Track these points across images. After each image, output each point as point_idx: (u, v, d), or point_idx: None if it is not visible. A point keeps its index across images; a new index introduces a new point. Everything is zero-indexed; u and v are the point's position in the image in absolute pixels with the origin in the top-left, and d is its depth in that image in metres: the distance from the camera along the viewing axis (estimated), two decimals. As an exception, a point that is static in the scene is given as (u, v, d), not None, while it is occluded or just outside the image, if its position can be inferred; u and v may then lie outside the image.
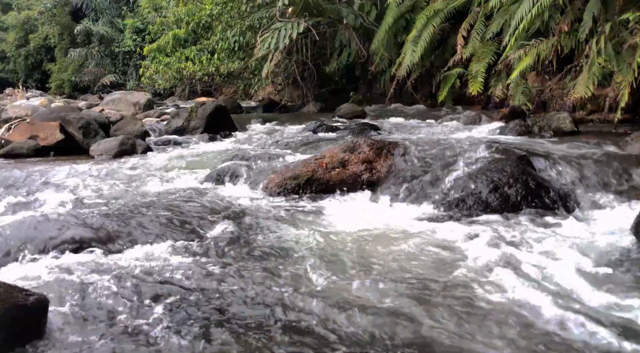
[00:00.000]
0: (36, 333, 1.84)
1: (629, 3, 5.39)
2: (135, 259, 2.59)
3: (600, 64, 5.36)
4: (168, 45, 14.05)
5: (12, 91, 18.71)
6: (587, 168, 3.72)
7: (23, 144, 6.25)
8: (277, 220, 3.29)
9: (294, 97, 13.21)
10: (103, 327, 1.94)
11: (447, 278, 2.33)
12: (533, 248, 2.65)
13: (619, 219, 3.01)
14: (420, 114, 8.94)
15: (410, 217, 3.32)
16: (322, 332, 1.89)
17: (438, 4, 8.34)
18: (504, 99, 7.81)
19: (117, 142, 6.21)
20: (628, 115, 5.80)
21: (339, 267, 2.48)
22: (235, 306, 2.09)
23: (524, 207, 3.27)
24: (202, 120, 7.70)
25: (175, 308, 2.07)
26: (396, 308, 2.06)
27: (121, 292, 2.20)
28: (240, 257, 2.63)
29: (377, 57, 10.25)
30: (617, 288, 2.18)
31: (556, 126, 5.77)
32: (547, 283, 2.23)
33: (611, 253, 2.57)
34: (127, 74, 23.15)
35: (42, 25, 27.20)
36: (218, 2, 12.54)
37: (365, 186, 3.97)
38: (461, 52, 7.94)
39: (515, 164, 3.55)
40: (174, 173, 4.85)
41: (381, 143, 4.35)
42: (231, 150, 5.92)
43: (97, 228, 2.97)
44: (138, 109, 11.05)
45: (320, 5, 10.60)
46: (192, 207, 3.52)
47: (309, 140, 6.22)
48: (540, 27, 6.42)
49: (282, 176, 4.04)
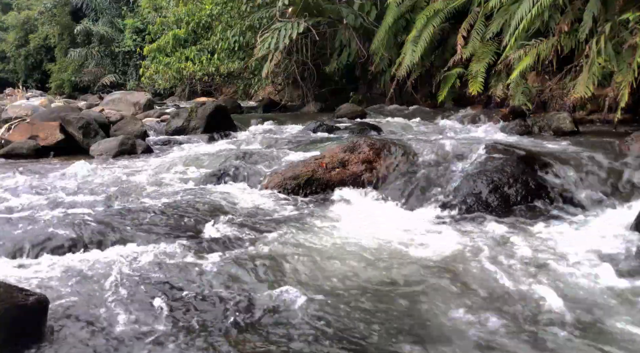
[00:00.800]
0: (36, 333, 1.84)
1: (629, 3, 5.39)
2: (134, 259, 2.59)
3: (600, 64, 5.36)
4: (168, 45, 14.05)
5: (12, 91, 18.71)
6: (587, 168, 3.72)
7: (23, 144, 6.24)
8: (276, 220, 3.29)
9: (294, 97, 13.21)
10: (103, 326, 1.94)
11: (447, 277, 2.33)
12: (533, 248, 2.65)
13: (619, 219, 3.01)
14: (420, 114, 8.94)
15: (410, 217, 3.32)
16: (322, 333, 1.89)
17: (438, 4, 8.34)
18: (504, 98, 7.81)
19: (117, 142, 6.21)
20: (628, 115, 5.80)
21: (339, 267, 2.48)
22: (235, 306, 2.09)
23: (524, 207, 3.27)
24: (202, 120, 7.69)
25: (174, 308, 2.07)
26: (394, 307, 2.06)
27: (121, 292, 2.20)
28: (240, 257, 2.63)
29: (377, 57, 10.24)
30: (617, 287, 2.18)
31: (556, 126, 5.77)
32: (548, 283, 2.23)
33: (611, 253, 2.57)
34: (127, 74, 23.16)
35: (42, 25, 27.21)
36: (218, 2, 12.54)
37: (365, 186, 3.97)
38: (461, 52, 7.93)
39: (515, 164, 3.55)
40: (173, 173, 4.84)
41: (381, 143, 4.35)
42: (231, 150, 5.91)
43: (96, 228, 2.97)
44: (138, 109, 11.05)
45: (320, 5, 10.60)
46: (192, 207, 3.52)
47: (309, 140, 6.21)
48: (540, 27, 6.41)
49: (282, 176, 4.04)
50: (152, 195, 3.95)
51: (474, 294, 2.17)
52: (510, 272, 2.35)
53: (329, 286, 2.28)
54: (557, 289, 2.17)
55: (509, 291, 2.17)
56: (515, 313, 1.99)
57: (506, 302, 2.08)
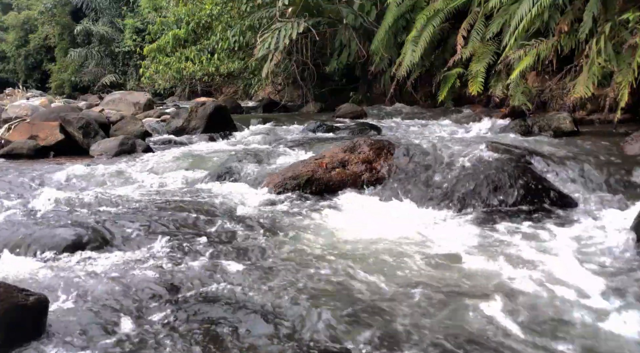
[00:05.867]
0: (36, 333, 1.84)
1: (629, 3, 5.39)
2: (134, 259, 2.59)
3: (600, 64, 5.35)
4: (168, 45, 14.04)
5: (12, 91, 18.70)
6: (587, 168, 3.72)
7: (23, 144, 6.24)
8: (276, 220, 3.29)
9: (294, 97, 13.21)
10: (103, 327, 1.94)
11: (447, 277, 2.33)
12: (534, 248, 2.65)
13: (619, 219, 3.01)
14: (420, 113, 8.94)
15: (410, 217, 3.31)
16: (322, 332, 1.89)
17: (438, 4, 8.34)
18: (504, 98, 7.81)
19: (117, 142, 6.21)
20: (628, 115, 5.80)
21: (340, 267, 2.48)
22: (235, 306, 2.09)
23: (524, 206, 3.26)
24: (202, 120, 7.69)
25: (174, 308, 2.07)
26: (394, 306, 2.06)
27: (121, 292, 2.20)
28: (240, 257, 2.63)
29: (377, 57, 10.24)
30: (617, 287, 2.18)
31: (556, 126, 5.77)
32: (548, 283, 2.23)
33: (611, 253, 2.57)
34: (127, 74, 23.17)
35: (42, 25, 27.22)
36: (218, 2, 12.54)
37: (365, 186, 3.97)
38: (461, 52, 7.93)
39: (515, 164, 3.55)
40: (173, 173, 4.85)
41: (381, 143, 4.35)
42: (231, 150, 5.92)
43: (96, 228, 2.97)
44: (138, 109, 11.05)
45: (320, 5, 10.60)
46: (192, 207, 3.52)
47: (309, 140, 6.22)
48: (540, 27, 6.41)
49: (282, 176, 4.04)
50: (152, 195, 3.95)
51: (474, 294, 2.17)
52: (511, 272, 2.35)
53: (329, 286, 2.28)
54: (557, 289, 2.17)
55: (509, 291, 2.17)
56: (516, 313, 1.99)
57: (507, 302, 2.08)
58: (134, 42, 21.09)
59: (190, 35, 13.94)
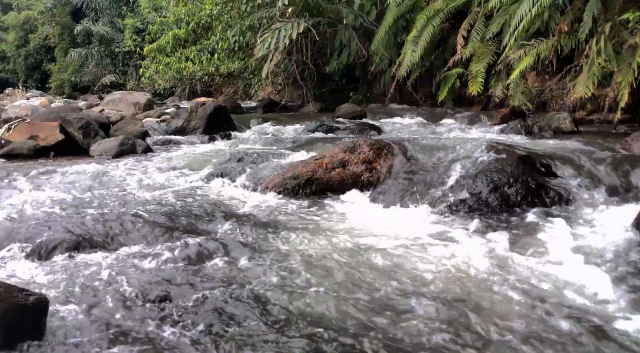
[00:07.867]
0: (36, 333, 1.84)
1: (629, 3, 5.39)
2: (134, 259, 2.59)
3: (600, 64, 5.36)
4: (168, 45, 14.04)
5: (12, 91, 18.70)
6: (587, 168, 3.72)
7: (23, 144, 6.24)
8: (276, 220, 3.29)
9: (294, 97, 13.22)
10: (103, 327, 1.93)
11: (447, 277, 2.33)
12: (534, 248, 2.66)
13: (619, 218, 3.01)
14: (420, 113, 8.94)
15: (410, 217, 3.31)
16: (321, 333, 1.89)
17: (438, 4, 8.34)
18: (504, 99, 7.82)
19: (117, 142, 6.21)
20: (628, 115, 5.81)
21: (340, 267, 2.48)
22: (235, 306, 2.09)
23: (524, 207, 3.27)
24: (202, 120, 7.70)
25: (174, 308, 2.07)
26: (392, 306, 2.06)
27: (120, 292, 2.20)
28: (240, 257, 2.63)
29: (377, 57, 10.25)
30: (618, 286, 2.18)
31: (556, 126, 5.78)
32: (549, 282, 2.23)
33: (611, 253, 2.57)
34: (127, 74, 23.16)
35: (42, 25, 27.22)
36: (218, 2, 12.54)
37: (365, 186, 3.97)
38: (461, 52, 7.94)
39: (515, 164, 3.55)
40: (173, 173, 4.85)
41: (381, 143, 4.35)
42: (231, 150, 5.92)
43: (96, 228, 2.97)
44: (138, 109, 11.05)
45: (320, 5, 10.60)
46: (192, 207, 3.53)
47: (309, 140, 6.22)
48: (540, 27, 6.42)
49: (282, 176, 4.04)
50: (152, 195, 3.95)
51: (473, 294, 2.17)
52: (510, 272, 2.35)
53: (328, 286, 2.28)
54: (557, 289, 2.18)
55: (509, 291, 2.17)
56: (516, 314, 1.99)
57: (507, 302, 2.08)
58: (134, 42, 21.09)
59: (190, 35, 13.94)
